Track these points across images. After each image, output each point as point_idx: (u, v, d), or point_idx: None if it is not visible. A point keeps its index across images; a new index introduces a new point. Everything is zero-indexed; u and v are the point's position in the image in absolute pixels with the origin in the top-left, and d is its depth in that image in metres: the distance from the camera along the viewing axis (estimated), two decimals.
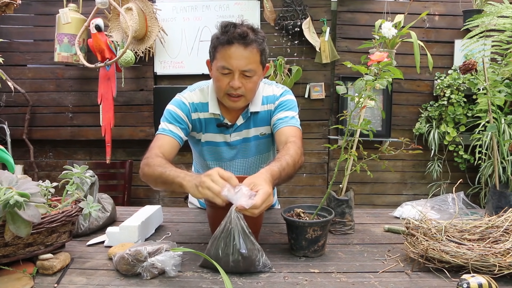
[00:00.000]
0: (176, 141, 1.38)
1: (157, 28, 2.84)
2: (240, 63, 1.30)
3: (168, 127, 1.39)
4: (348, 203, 1.27)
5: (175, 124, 1.39)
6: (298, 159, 1.24)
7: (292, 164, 1.20)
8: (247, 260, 0.97)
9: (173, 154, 1.37)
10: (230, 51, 1.30)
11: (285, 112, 1.43)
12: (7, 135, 2.87)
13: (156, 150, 1.31)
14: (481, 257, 0.93)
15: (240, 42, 1.29)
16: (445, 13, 2.94)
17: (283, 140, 1.35)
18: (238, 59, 1.29)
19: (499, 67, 1.38)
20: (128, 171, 2.77)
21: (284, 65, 2.86)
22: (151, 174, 1.22)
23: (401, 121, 3.03)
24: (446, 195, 1.60)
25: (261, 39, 1.34)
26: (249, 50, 1.30)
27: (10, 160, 1.19)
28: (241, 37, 1.28)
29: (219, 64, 1.32)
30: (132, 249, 0.97)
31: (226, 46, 1.30)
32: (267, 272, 0.99)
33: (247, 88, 1.34)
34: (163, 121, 1.41)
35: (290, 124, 1.40)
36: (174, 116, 1.40)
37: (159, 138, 1.37)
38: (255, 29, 1.34)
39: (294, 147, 1.27)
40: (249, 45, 1.30)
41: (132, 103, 3.02)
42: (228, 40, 1.29)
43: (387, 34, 1.33)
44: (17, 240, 0.94)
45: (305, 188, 3.12)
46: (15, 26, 3.00)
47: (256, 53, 1.32)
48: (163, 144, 1.35)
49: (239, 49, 1.29)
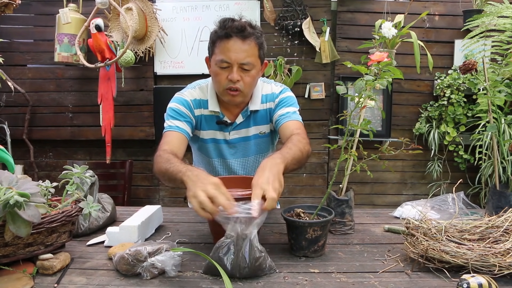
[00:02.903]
0: (184, 135, 1.38)
1: (157, 28, 2.84)
2: (238, 56, 1.31)
3: (173, 123, 1.39)
4: (348, 203, 1.27)
5: (180, 119, 1.40)
6: (303, 146, 1.23)
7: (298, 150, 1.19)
8: (254, 267, 0.96)
9: (182, 149, 1.36)
10: (228, 45, 1.31)
11: (286, 108, 1.44)
12: (7, 135, 2.87)
13: (165, 146, 1.30)
14: (481, 257, 0.93)
15: (238, 36, 1.30)
16: (445, 13, 2.94)
17: (287, 133, 1.35)
18: (236, 52, 1.30)
19: (499, 67, 1.38)
20: (128, 171, 2.77)
21: (284, 65, 2.86)
22: (158, 172, 1.21)
23: (401, 121, 3.03)
24: (446, 195, 1.60)
25: (259, 33, 1.36)
26: (247, 43, 1.31)
27: (10, 160, 1.19)
28: (239, 31, 1.30)
29: (218, 58, 1.33)
30: (132, 249, 0.97)
31: (224, 39, 1.31)
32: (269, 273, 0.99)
33: (246, 82, 1.35)
34: (167, 119, 1.41)
35: (292, 119, 1.41)
36: (178, 112, 1.41)
37: (166, 135, 1.37)
38: (253, 24, 1.36)
39: (297, 137, 1.27)
40: (247, 38, 1.31)
41: (132, 103, 3.02)
42: (226, 33, 1.30)
43: (387, 34, 1.33)
44: (17, 240, 0.94)
45: (305, 188, 3.12)
46: (15, 26, 3.00)
47: (254, 47, 1.33)
48: (171, 140, 1.34)
49: (237, 42, 1.30)
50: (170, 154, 1.22)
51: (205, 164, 1.58)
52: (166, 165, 1.15)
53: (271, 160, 1.06)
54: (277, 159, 1.08)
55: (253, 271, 0.95)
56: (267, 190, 0.95)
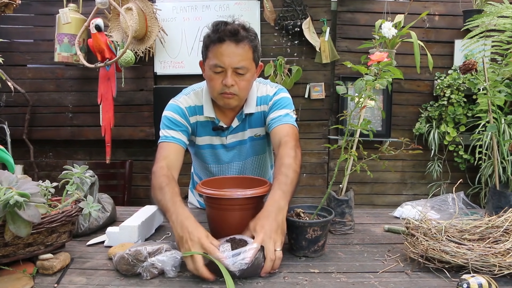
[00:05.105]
0: (180, 146, 1.36)
1: (157, 28, 2.84)
2: (232, 60, 1.28)
3: (169, 134, 1.37)
4: (348, 203, 1.27)
5: (175, 129, 1.37)
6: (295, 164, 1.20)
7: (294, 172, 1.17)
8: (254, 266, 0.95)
9: (179, 162, 1.34)
10: (221, 49, 1.28)
11: (279, 111, 1.40)
12: (7, 135, 2.87)
13: (162, 162, 1.27)
14: (481, 257, 0.93)
15: (231, 39, 1.28)
16: (445, 13, 2.94)
17: (276, 140, 1.32)
18: (230, 56, 1.28)
19: (499, 67, 1.38)
20: (128, 171, 2.77)
21: (284, 65, 2.86)
22: (153, 198, 1.20)
23: (401, 121, 3.03)
24: (446, 195, 1.60)
25: (253, 36, 1.33)
26: (241, 47, 1.29)
27: (10, 160, 1.18)
28: (232, 34, 1.28)
29: (212, 63, 1.31)
30: (132, 249, 0.97)
31: (217, 44, 1.29)
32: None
33: (240, 87, 1.32)
34: (163, 128, 1.39)
35: (283, 122, 1.37)
36: (172, 121, 1.38)
37: (163, 147, 1.34)
38: (246, 27, 1.33)
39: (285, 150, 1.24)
40: (241, 41, 1.29)
41: (132, 103, 3.02)
42: (219, 37, 1.28)
43: (387, 34, 1.32)
44: (17, 240, 0.94)
45: (305, 188, 3.12)
46: (15, 26, 3.00)
47: (248, 50, 1.31)
48: (168, 155, 1.32)
49: (230, 46, 1.28)
50: (164, 176, 1.20)
51: (202, 169, 1.58)
52: (159, 196, 1.15)
53: (275, 204, 1.06)
54: (281, 201, 1.07)
55: (254, 270, 0.95)
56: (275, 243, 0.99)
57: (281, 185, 1.12)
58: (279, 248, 0.98)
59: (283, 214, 1.05)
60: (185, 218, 1.03)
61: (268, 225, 1.00)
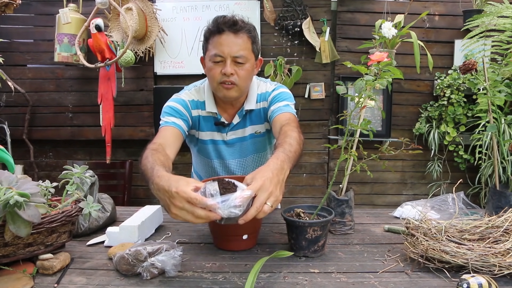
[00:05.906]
0: (179, 131, 1.35)
1: (157, 28, 2.84)
2: (231, 49, 1.31)
3: (169, 119, 1.37)
4: (348, 203, 1.27)
5: (176, 116, 1.38)
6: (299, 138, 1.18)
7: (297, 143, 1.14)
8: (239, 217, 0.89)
9: (176, 143, 1.33)
10: (221, 39, 1.32)
11: (279, 103, 1.42)
12: (7, 135, 2.87)
13: (155, 140, 1.26)
14: (481, 257, 0.93)
15: (230, 30, 1.32)
16: (445, 13, 2.94)
17: (277, 126, 1.32)
18: (229, 46, 1.31)
19: (499, 67, 1.38)
20: (128, 171, 2.77)
21: (284, 65, 2.86)
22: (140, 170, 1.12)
23: (401, 121, 3.03)
24: (446, 195, 1.60)
25: (252, 27, 1.37)
26: (240, 37, 1.33)
27: (10, 160, 1.19)
28: (231, 25, 1.32)
29: (211, 53, 1.33)
30: (132, 249, 0.97)
31: (217, 34, 1.33)
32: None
33: (240, 76, 1.34)
34: (164, 116, 1.39)
35: (283, 111, 1.38)
36: (174, 109, 1.40)
37: (161, 130, 1.35)
38: (245, 20, 1.37)
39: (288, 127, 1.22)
40: (239, 31, 1.33)
41: (132, 103, 3.02)
42: (219, 28, 1.32)
43: (387, 34, 1.32)
44: (17, 240, 0.94)
45: (305, 188, 3.12)
46: (15, 26, 3.00)
47: (247, 40, 1.34)
48: (164, 135, 1.31)
49: (229, 36, 1.32)
50: (152, 150, 1.15)
51: (204, 166, 1.58)
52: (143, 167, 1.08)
53: (279, 163, 1.00)
54: (284, 164, 1.00)
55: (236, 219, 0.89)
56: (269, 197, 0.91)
57: (286, 151, 1.07)
58: (270, 203, 0.91)
59: (284, 175, 0.99)
60: (158, 178, 0.94)
61: (268, 178, 0.93)
